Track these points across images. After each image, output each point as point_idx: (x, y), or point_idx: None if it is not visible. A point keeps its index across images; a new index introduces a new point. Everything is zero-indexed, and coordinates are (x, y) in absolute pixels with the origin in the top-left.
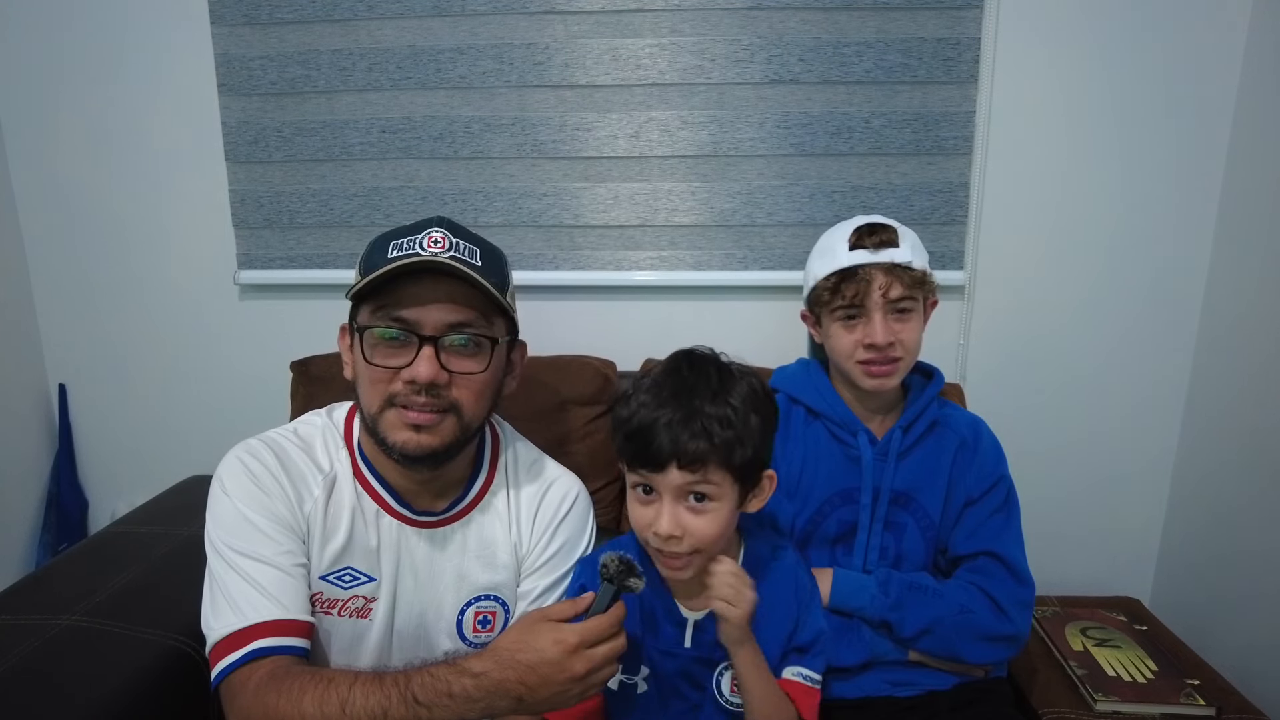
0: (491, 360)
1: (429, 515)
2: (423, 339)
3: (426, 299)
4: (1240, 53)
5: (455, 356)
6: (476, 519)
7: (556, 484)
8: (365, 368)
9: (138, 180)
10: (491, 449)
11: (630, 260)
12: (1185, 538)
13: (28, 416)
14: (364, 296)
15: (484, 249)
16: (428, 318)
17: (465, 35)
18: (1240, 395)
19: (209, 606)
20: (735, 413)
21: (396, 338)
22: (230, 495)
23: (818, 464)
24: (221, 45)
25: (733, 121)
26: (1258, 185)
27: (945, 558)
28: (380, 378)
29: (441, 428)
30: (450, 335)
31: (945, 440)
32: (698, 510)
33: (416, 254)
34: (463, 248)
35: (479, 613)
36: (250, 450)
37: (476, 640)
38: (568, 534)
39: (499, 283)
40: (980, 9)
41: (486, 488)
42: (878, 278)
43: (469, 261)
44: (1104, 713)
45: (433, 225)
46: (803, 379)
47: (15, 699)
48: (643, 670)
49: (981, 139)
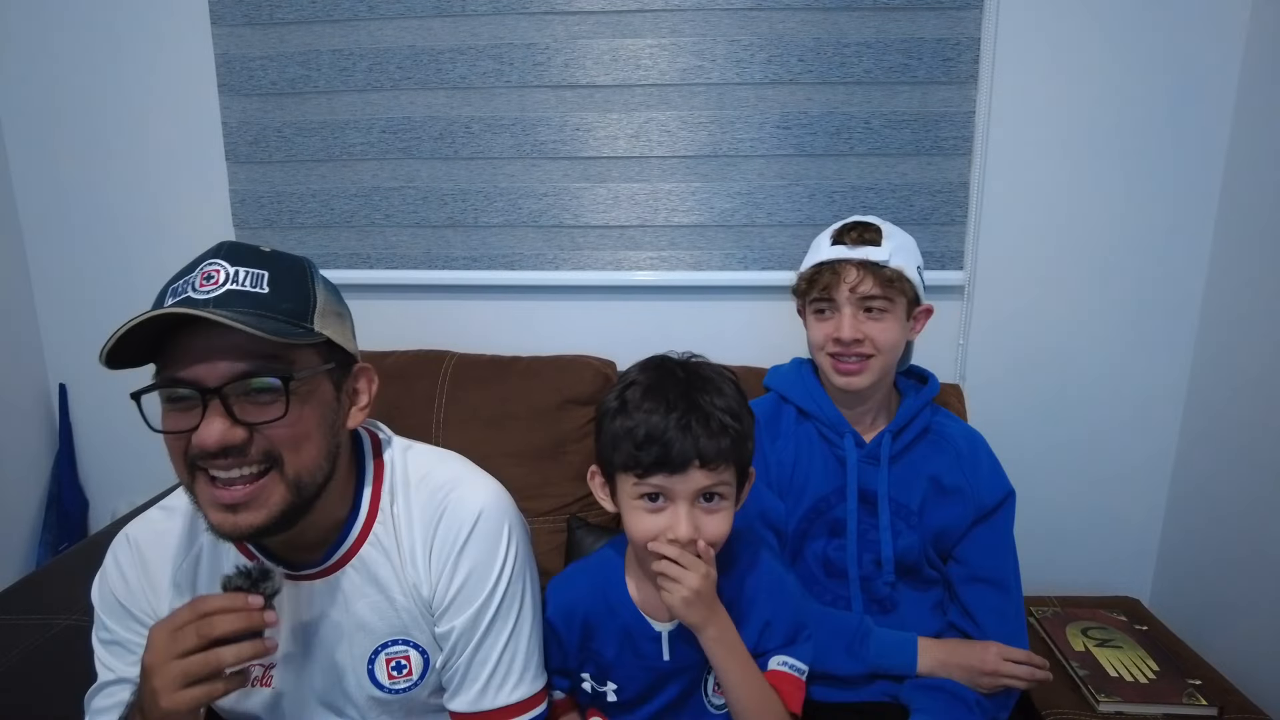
0: (292, 400)
1: (309, 568)
2: (205, 394)
3: (203, 351)
4: (1240, 53)
5: (251, 406)
6: (365, 560)
7: (450, 507)
8: (165, 439)
9: (138, 180)
10: (374, 474)
11: (630, 260)
12: (1185, 537)
13: (28, 416)
14: (145, 360)
15: (275, 269)
16: (209, 372)
17: (465, 35)
18: (1240, 394)
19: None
20: (738, 406)
21: (183, 398)
22: (95, 607)
23: (810, 464)
24: (221, 45)
25: (733, 122)
26: (1257, 184)
27: (946, 564)
28: (174, 445)
29: (264, 499)
30: (238, 383)
31: (939, 449)
32: (710, 511)
33: (188, 297)
34: (244, 276)
35: (390, 659)
36: (111, 560)
37: (395, 687)
38: (472, 561)
39: (296, 308)
40: (980, 9)
41: (370, 524)
42: (850, 273)
43: (251, 293)
44: (1106, 713)
45: (208, 259)
46: (794, 379)
47: (15, 699)
48: (609, 684)
49: (981, 139)
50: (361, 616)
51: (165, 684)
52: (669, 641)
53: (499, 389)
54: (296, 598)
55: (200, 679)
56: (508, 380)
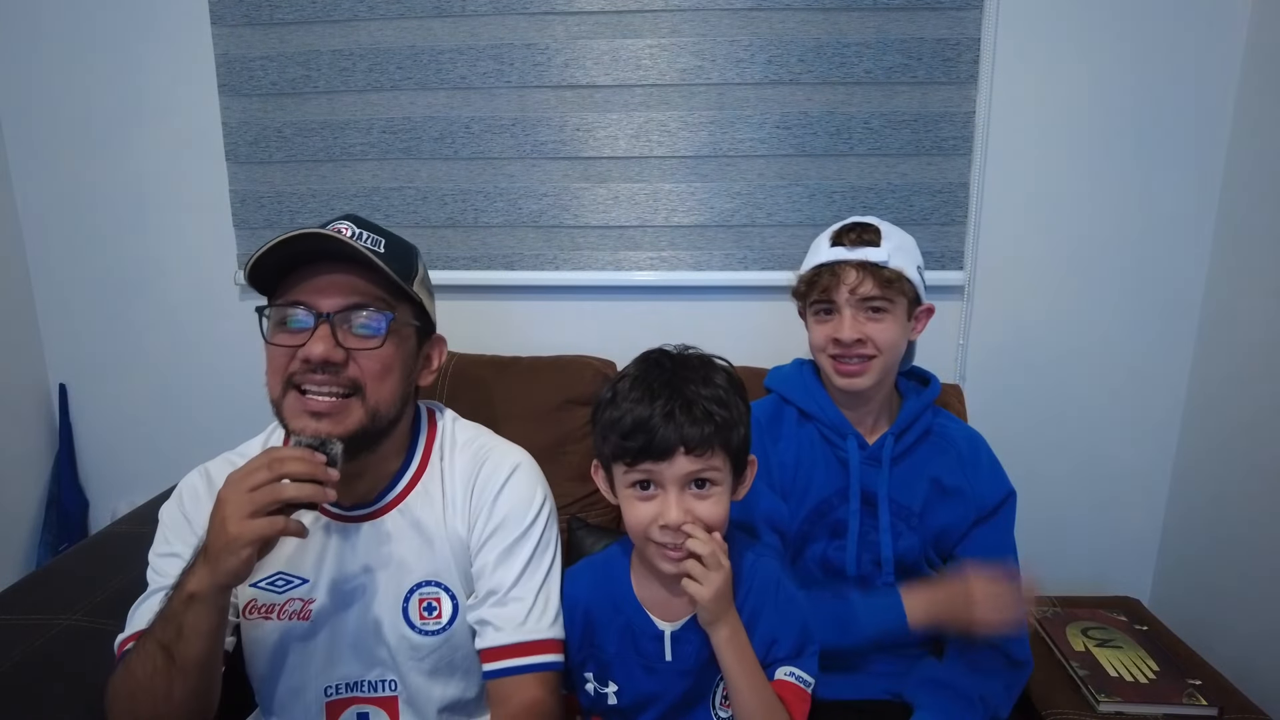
0: (388, 337)
1: (359, 509)
2: (319, 317)
3: (325, 283)
4: (1240, 53)
5: (354, 336)
6: (410, 507)
7: (491, 458)
8: (267, 350)
9: (138, 180)
10: (427, 436)
11: (630, 260)
12: (1185, 537)
13: (28, 416)
14: (267, 289)
15: (390, 240)
16: (325, 298)
17: (465, 36)
18: (1240, 394)
19: (132, 608)
20: (726, 394)
21: (295, 318)
22: (161, 522)
23: (812, 465)
24: (222, 45)
25: (733, 122)
26: (1258, 184)
27: (946, 565)
28: (278, 358)
29: (345, 415)
30: (348, 313)
31: (940, 450)
32: (702, 496)
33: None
34: (366, 237)
35: (423, 599)
36: (187, 481)
37: (426, 628)
38: (510, 505)
39: (403, 270)
40: (980, 9)
41: (420, 474)
42: (849, 274)
43: (371, 249)
44: (1106, 713)
45: (339, 220)
46: (795, 380)
47: (15, 699)
48: (610, 685)
49: (981, 139)
50: (401, 556)
51: (234, 511)
52: (671, 641)
53: (499, 389)
54: (343, 537)
55: (265, 510)
56: (508, 380)
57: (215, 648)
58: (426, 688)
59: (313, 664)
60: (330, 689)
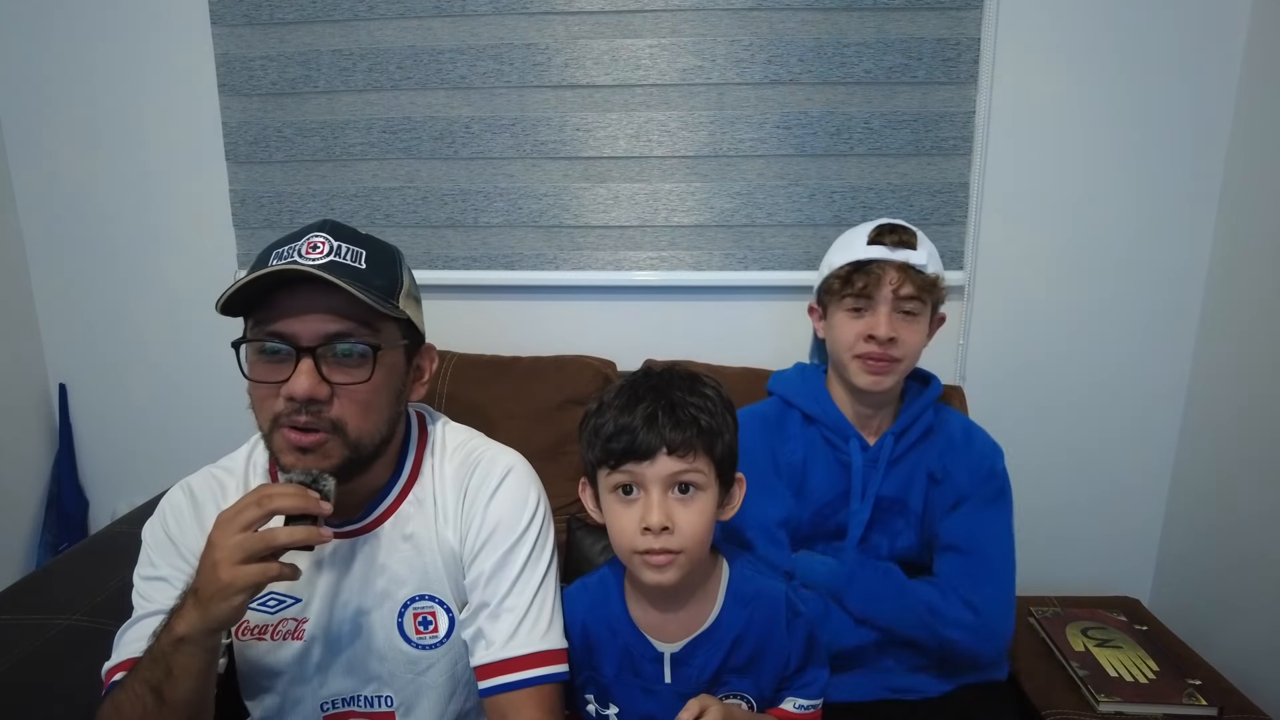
0: (375, 370)
1: (350, 524)
2: (300, 351)
3: (302, 310)
4: (1240, 53)
5: (337, 368)
6: (402, 518)
7: (483, 463)
8: (250, 386)
9: (138, 180)
10: (418, 444)
11: (630, 260)
12: (1184, 538)
13: (28, 416)
14: (246, 312)
15: (371, 250)
16: (305, 329)
17: (465, 36)
18: (1240, 395)
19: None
20: (713, 405)
21: (276, 351)
22: (145, 542)
23: (815, 468)
24: (221, 45)
25: (733, 122)
26: (1258, 184)
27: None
28: (263, 395)
29: (327, 450)
30: (330, 345)
31: (935, 444)
32: (685, 501)
33: (294, 262)
34: (345, 251)
35: (418, 614)
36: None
37: (423, 642)
38: (502, 511)
39: (386, 285)
40: (980, 9)
41: (410, 484)
42: (890, 273)
43: (350, 266)
44: (1106, 713)
45: (313, 230)
46: (798, 384)
47: (15, 699)
48: (611, 707)
49: (981, 139)
50: (393, 569)
51: (225, 556)
52: (671, 663)
53: (499, 389)
54: (335, 554)
55: (257, 556)
56: (508, 380)
57: (206, 685)
58: (426, 702)
59: (307, 682)
60: (326, 704)
